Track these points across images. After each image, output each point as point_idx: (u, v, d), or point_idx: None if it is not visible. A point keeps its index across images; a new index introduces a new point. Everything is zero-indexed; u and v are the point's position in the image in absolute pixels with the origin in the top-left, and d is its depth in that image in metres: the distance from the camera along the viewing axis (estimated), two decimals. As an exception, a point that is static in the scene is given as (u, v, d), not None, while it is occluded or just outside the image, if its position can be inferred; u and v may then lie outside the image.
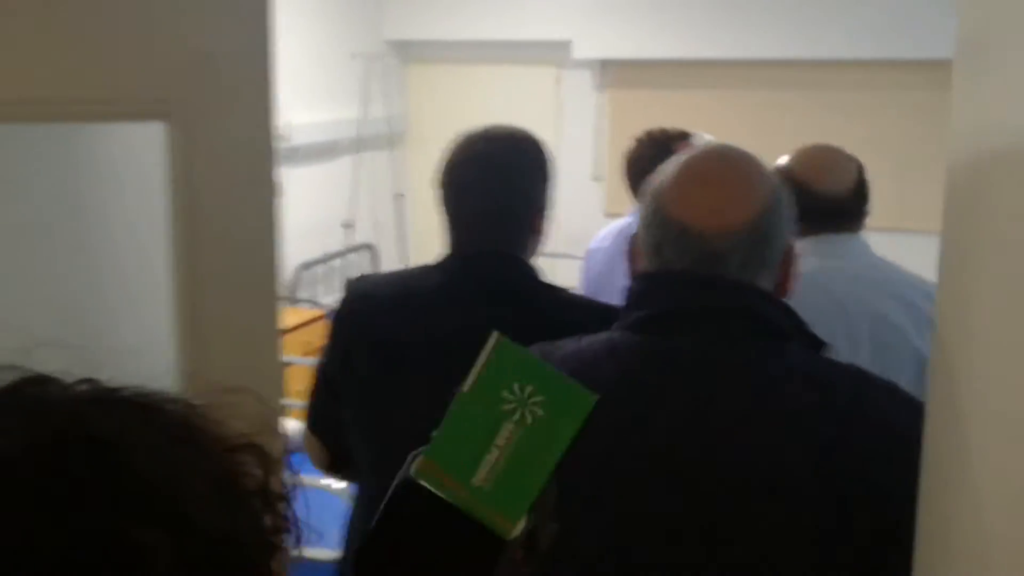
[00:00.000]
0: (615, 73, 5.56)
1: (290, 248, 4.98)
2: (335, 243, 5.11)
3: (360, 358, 1.56)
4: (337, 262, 5.17)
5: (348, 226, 4.95)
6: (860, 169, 1.95)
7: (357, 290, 1.63)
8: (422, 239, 5.86)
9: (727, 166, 1.16)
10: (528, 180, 1.57)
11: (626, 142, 5.66)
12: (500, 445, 0.73)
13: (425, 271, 1.59)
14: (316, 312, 4.61)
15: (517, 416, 0.74)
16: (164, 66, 1.49)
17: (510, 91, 5.77)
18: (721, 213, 1.11)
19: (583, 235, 5.70)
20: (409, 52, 5.95)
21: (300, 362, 4.31)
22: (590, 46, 5.41)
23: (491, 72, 5.81)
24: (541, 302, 1.52)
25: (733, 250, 1.10)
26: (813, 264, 1.78)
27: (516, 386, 0.75)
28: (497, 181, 1.54)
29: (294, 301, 4.85)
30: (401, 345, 1.52)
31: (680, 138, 3.06)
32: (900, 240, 3.64)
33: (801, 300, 1.18)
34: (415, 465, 0.70)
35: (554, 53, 5.57)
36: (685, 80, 5.43)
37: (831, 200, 1.88)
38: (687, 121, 5.43)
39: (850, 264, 1.88)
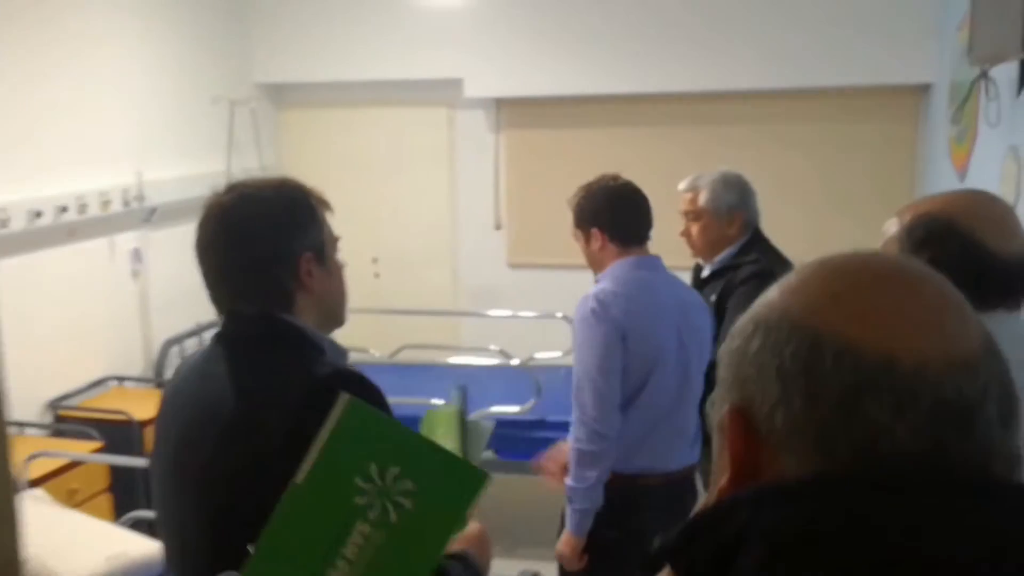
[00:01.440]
0: (511, 112, 5.24)
1: (155, 322, 4.46)
2: (209, 312, 4.56)
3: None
4: (211, 333, 4.62)
5: (221, 294, 4.43)
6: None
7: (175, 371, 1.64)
8: (308, 302, 5.35)
9: (908, 267, 0.70)
10: (269, 227, 1.47)
11: (525, 185, 5.37)
12: (350, 556, 0.57)
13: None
14: (187, 395, 4.06)
15: (376, 511, 0.58)
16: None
17: (399, 134, 5.40)
18: (947, 335, 0.64)
19: (488, 289, 5.35)
20: (283, 96, 5.50)
21: None
22: (483, 84, 5.09)
23: (376, 115, 5.42)
24: (283, 370, 1.42)
25: (983, 399, 0.62)
26: None
27: (374, 469, 0.58)
28: (227, 235, 1.46)
29: (160, 384, 4.28)
30: (162, 415, 1.54)
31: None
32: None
33: None
34: None
35: (445, 92, 5.23)
36: (585, 118, 5.17)
37: (1013, 264, 1.44)
38: (589, 161, 5.17)
39: None
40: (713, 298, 2.86)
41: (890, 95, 4.78)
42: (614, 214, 2.58)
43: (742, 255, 2.93)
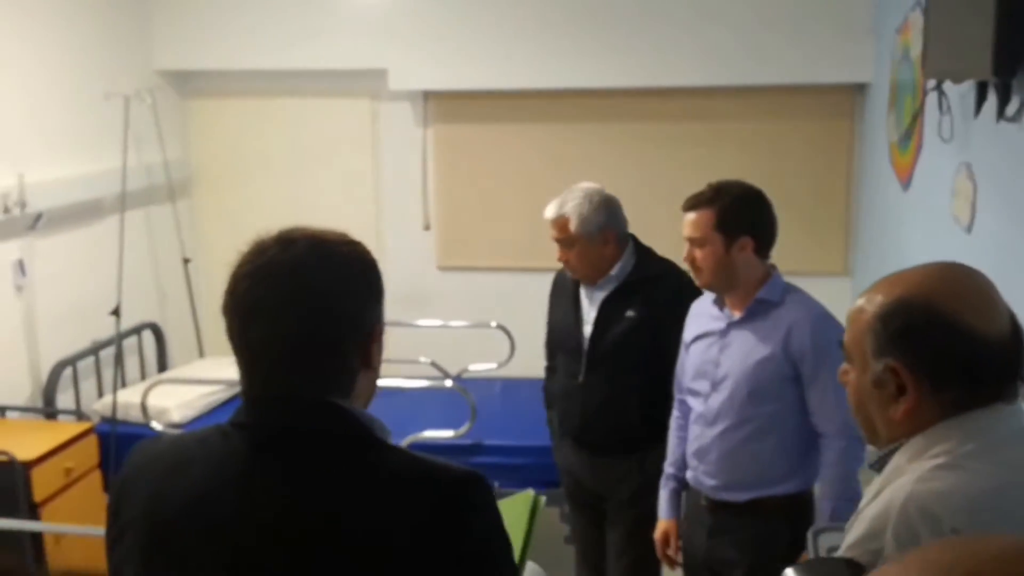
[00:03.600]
0: (440, 106, 4.83)
1: (43, 342, 3.93)
2: (107, 328, 4.08)
3: (133, 548, 1.20)
4: (110, 352, 4.13)
5: (115, 313, 3.94)
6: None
7: (133, 460, 1.26)
8: (219, 311, 4.87)
9: None
10: (344, 296, 1.20)
11: (456, 183, 4.98)
12: None
13: (209, 433, 1.22)
14: (82, 426, 3.58)
15: None
16: None
17: (318, 128, 4.95)
18: None
19: (417, 296, 4.94)
20: (188, 85, 4.98)
21: (69, 531, 3.25)
22: (409, 76, 4.67)
23: (294, 106, 4.95)
24: (364, 476, 1.16)
25: None
26: (995, 472, 1.17)
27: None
28: (300, 298, 1.18)
29: (50, 414, 3.77)
30: (173, 533, 1.17)
31: None
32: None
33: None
34: None
35: (368, 83, 4.78)
36: (519, 113, 4.81)
37: (1005, 346, 1.21)
38: (523, 158, 4.81)
39: None
40: (631, 314, 2.79)
41: (826, 94, 4.58)
42: (769, 223, 2.44)
43: (642, 266, 2.88)
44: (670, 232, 4.75)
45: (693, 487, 2.58)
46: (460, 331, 4.59)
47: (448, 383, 3.78)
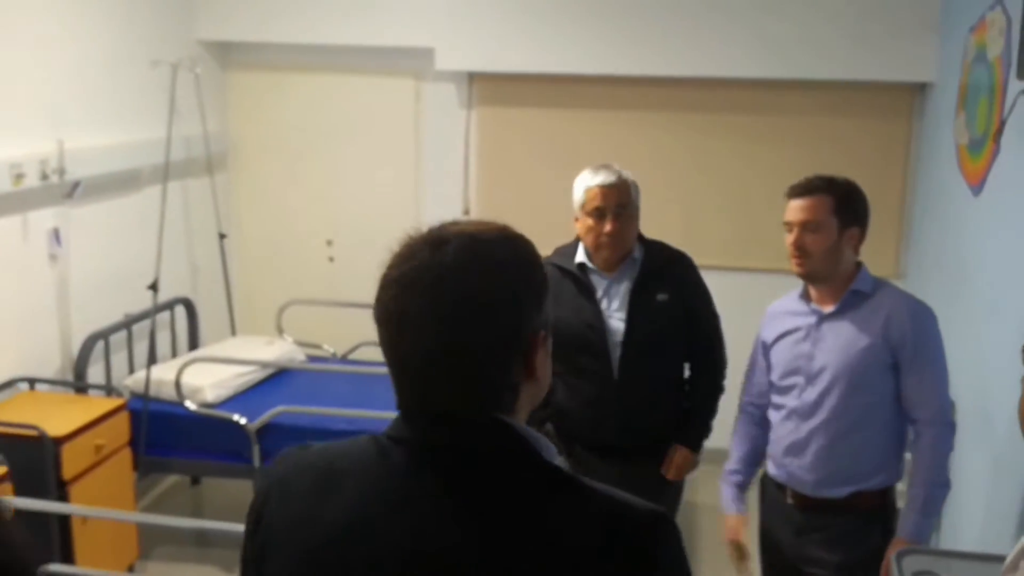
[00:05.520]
0: (484, 88, 4.63)
1: (75, 314, 3.75)
2: (140, 301, 3.90)
3: (278, 568, 1.09)
4: (144, 326, 3.96)
5: (152, 288, 3.77)
6: None
7: (280, 467, 1.14)
8: (252, 288, 4.70)
9: None
10: (499, 303, 1.05)
11: (497, 167, 4.78)
12: None
13: (363, 446, 1.09)
14: (114, 402, 3.41)
15: None
16: None
17: (360, 106, 4.75)
18: None
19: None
20: (230, 56, 4.79)
21: (95, 514, 3.08)
22: (456, 56, 4.46)
23: (337, 82, 4.76)
24: (540, 509, 1.01)
25: None
26: None
27: None
28: (452, 307, 1.02)
29: (80, 388, 3.60)
30: (328, 560, 1.04)
31: None
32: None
33: None
34: None
35: (413, 62, 4.58)
36: (566, 98, 4.62)
37: None
38: (567, 144, 4.61)
39: None
40: (663, 297, 2.61)
41: (884, 92, 4.38)
42: (868, 221, 2.39)
43: (654, 249, 2.70)
44: (720, 222, 4.59)
45: (778, 484, 2.48)
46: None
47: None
